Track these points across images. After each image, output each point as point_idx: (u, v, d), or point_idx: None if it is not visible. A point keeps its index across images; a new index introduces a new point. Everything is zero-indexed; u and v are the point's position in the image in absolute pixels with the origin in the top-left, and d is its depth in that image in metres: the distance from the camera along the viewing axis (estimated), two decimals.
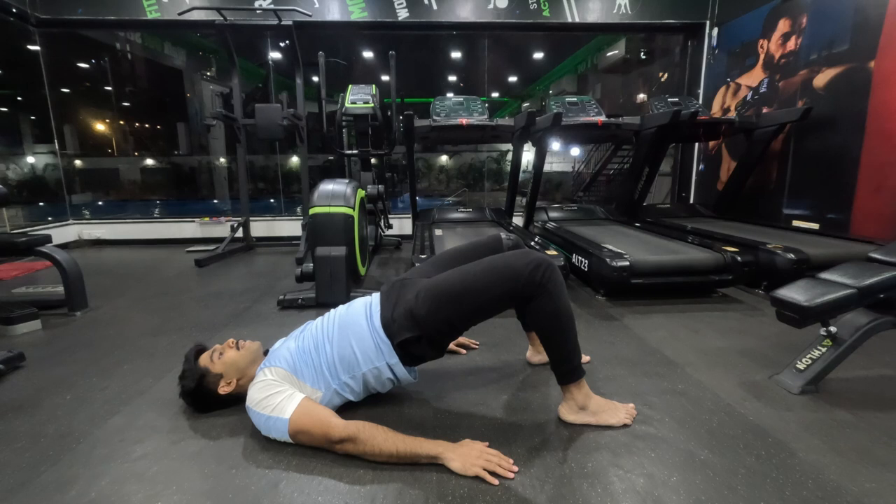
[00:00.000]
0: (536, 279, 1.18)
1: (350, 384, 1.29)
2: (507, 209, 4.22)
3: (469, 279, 1.24)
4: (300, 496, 1.03)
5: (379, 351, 1.26)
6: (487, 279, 1.22)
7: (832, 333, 1.48)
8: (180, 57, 8.11)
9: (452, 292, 1.24)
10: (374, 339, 1.26)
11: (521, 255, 1.25)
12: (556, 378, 1.30)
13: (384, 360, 1.26)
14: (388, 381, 1.31)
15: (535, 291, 1.19)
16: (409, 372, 1.31)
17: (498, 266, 1.24)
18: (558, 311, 1.22)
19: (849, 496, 1.01)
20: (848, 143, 3.20)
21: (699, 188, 5.01)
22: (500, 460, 1.11)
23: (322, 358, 1.28)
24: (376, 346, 1.26)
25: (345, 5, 4.49)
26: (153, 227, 5.05)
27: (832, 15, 3.36)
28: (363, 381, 1.29)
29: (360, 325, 1.29)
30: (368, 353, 1.26)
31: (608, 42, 9.34)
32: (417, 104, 6.51)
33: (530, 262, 1.20)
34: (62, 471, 1.13)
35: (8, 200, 2.29)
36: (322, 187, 2.59)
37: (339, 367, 1.27)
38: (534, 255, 1.23)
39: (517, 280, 1.19)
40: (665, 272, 2.52)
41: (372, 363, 1.26)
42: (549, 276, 1.20)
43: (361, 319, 1.30)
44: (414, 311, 1.23)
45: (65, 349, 1.96)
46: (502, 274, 1.22)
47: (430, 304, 1.23)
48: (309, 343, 1.31)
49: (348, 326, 1.30)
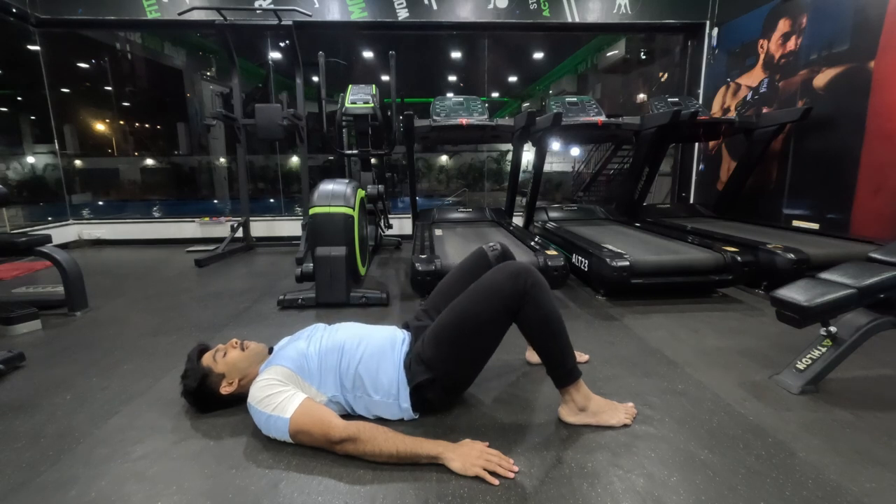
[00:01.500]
0: (519, 289, 1.20)
1: (353, 403, 1.30)
2: (507, 209, 4.22)
3: (459, 310, 1.27)
4: (300, 496, 1.03)
5: (397, 390, 1.28)
6: (475, 304, 1.25)
7: (832, 333, 1.48)
8: (180, 57, 8.11)
9: (449, 327, 1.26)
10: (397, 377, 1.28)
11: (499, 270, 1.27)
12: (553, 383, 1.30)
13: (396, 400, 1.28)
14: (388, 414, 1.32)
15: (520, 302, 1.21)
16: (413, 413, 1.31)
17: (481, 289, 1.26)
18: (546, 317, 1.23)
19: (849, 496, 1.01)
20: (848, 144, 3.20)
21: (699, 188, 5.01)
22: (500, 460, 1.11)
23: (342, 367, 1.28)
24: (397, 385, 1.28)
25: (345, 5, 4.49)
26: (153, 227, 5.05)
27: (832, 15, 3.36)
28: (367, 404, 1.30)
29: (391, 360, 1.31)
30: (389, 387, 1.28)
31: (608, 42, 9.34)
32: (417, 104, 6.51)
33: (509, 274, 1.23)
34: (62, 471, 1.13)
35: (8, 200, 2.28)
36: (322, 187, 2.59)
37: (355, 384, 1.28)
38: (512, 267, 1.25)
39: (501, 296, 1.21)
40: (665, 272, 2.52)
41: (386, 396, 1.28)
42: (531, 283, 1.21)
43: (393, 354, 1.32)
44: (422, 355, 1.27)
45: (65, 349, 1.96)
46: (486, 296, 1.24)
47: (434, 344, 1.26)
48: (323, 348, 1.31)
49: (383, 354, 1.31)
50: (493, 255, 1.57)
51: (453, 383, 1.33)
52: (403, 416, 1.30)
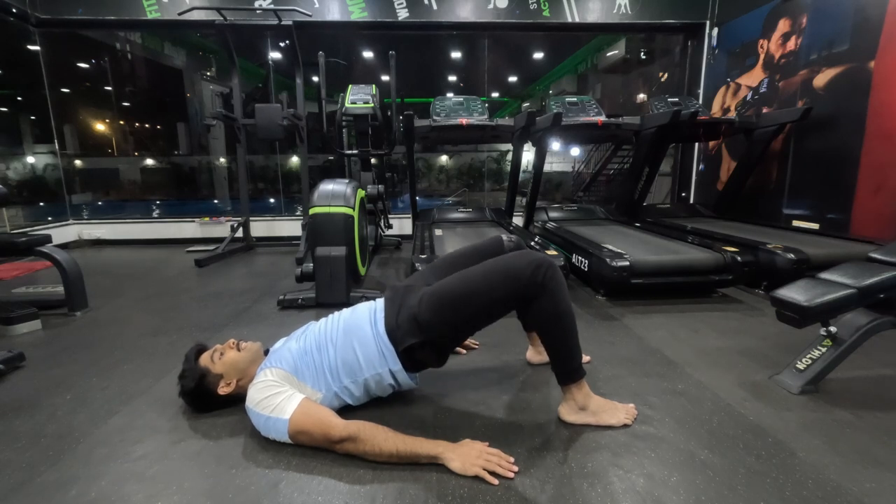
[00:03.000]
0: (538, 280, 1.18)
1: (351, 388, 1.29)
2: (507, 209, 4.22)
3: (471, 282, 1.24)
4: (300, 496, 1.03)
5: (382, 357, 1.26)
6: (489, 282, 1.22)
7: (832, 333, 1.48)
8: (180, 57, 8.11)
9: (455, 296, 1.24)
10: (377, 345, 1.26)
11: (521, 255, 1.25)
12: (556, 378, 1.30)
13: (387, 367, 1.26)
14: (388, 387, 1.32)
15: (536, 292, 1.19)
16: (410, 378, 1.31)
17: (499, 268, 1.24)
18: (560, 312, 1.22)
19: (849, 496, 1.01)
20: (848, 143, 3.20)
21: (699, 188, 5.01)
22: (500, 459, 1.11)
23: (324, 360, 1.28)
24: (380, 353, 1.26)
25: (345, 5, 4.49)
26: (153, 227, 5.05)
27: (832, 15, 3.36)
28: (364, 386, 1.29)
29: (364, 331, 1.28)
30: (372, 358, 1.26)
31: (608, 42, 9.34)
32: (417, 104, 6.51)
33: (531, 262, 1.20)
34: (62, 471, 1.13)
35: (8, 200, 2.29)
36: (322, 187, 2.59)
37: (341, 371, 1.27)
38: (535, 256, 1.23)
39: (519, 281, 1.19)
40: (665, 272, 2.52)
41: (375, 369, 1.26)
42: (550, 276, 1.20)
43: (366, 325, 1.30)
44: (418, 317, 1.23)
45: (65, 349, 1.96)
46: (504, 275, 1.22)
47: (434, 308, 1.23)
48: (311, 344, 1.31)
49: (352, 331, 1.30)
50: (510, 246, 1.56)
51: (443, 344, 1.30)
52: (399, 380, 1.28)
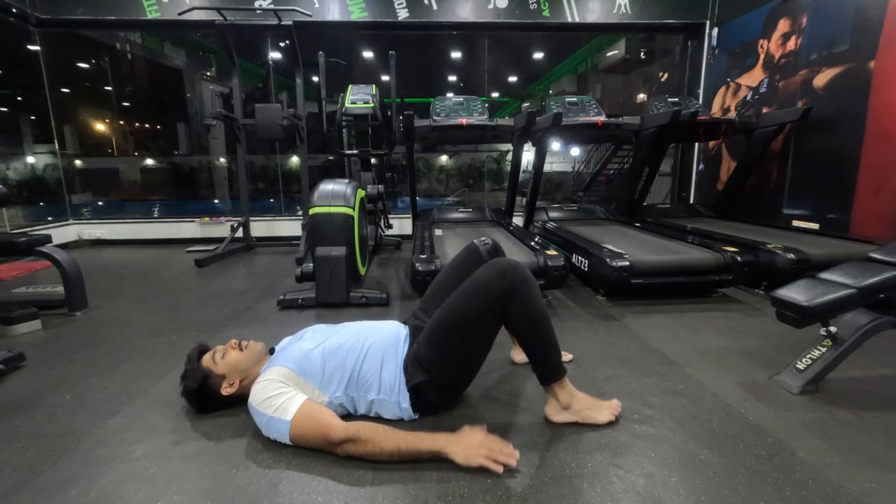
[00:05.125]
0: (506, 286, 1.20)
1: (356, 401, 1.30)
2: (507, 209, 4.21)
3: (450, 309, 1.27)
4: (300, 496, 1.03)
5: (398, 388, 1.28)
6: (463, 303, 1.25)
7: (832, 333, 1.48)
8: (180, 57, 8.12)
9: (441, 327, 1.27)
10: (398, 376, 1.29)
11: (487, 268, 1.27)
12: (538, 379, 1.31)
13: (397, 398, 1.28)
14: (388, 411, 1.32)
15: (508, 298, 1.21)
16: (413, 413, 1.31)
17: (469, 287, 1.26)
18: (531, 313, 1.23)
19: (849, 496, 1.01)
20: (848, 143, 3.20)
21: (699, 188, 5.01)
22: (501, 447, 1.12)
23: (346, 365, 1.29)
24: (399, 383, 1.28)
25: (345, 5, 4.49)
26: (153, 227, 5.05)
27: (832, 15, 3.36)
28: (369, 403, 1.30)
29: (394, 358, 1.31)
30: (391, 385, 1.28)
31: (608, 42, 9.35)
32: (417, 104, 6.51)
33: (497, 272, 1.23)
34: (62, 471, 1.13)
35: (8, 200, 2.28)
36: (322, 187, 2.59)
37: (357, 382, 1.28)
38: (500, 264, 1.26)
39: (490, 293, 1.22)
40: (665, 272, 2.52)
41: (388, 394, 1.28)
42: (519, 279, 1.22)
43: (396, 352, 1.33)
44: (418, 356, 1.28)
45: (65, 349, 1.95)
46: (474, 294, 1.24)
47: (428, 345, 1.27)
48: (333, 347, 1.31)
49: (387, 351, 1.32)
50: (485, 249, 1.58)
51: (450, 383, 1.33)
52: (403, 415, 1.30)
